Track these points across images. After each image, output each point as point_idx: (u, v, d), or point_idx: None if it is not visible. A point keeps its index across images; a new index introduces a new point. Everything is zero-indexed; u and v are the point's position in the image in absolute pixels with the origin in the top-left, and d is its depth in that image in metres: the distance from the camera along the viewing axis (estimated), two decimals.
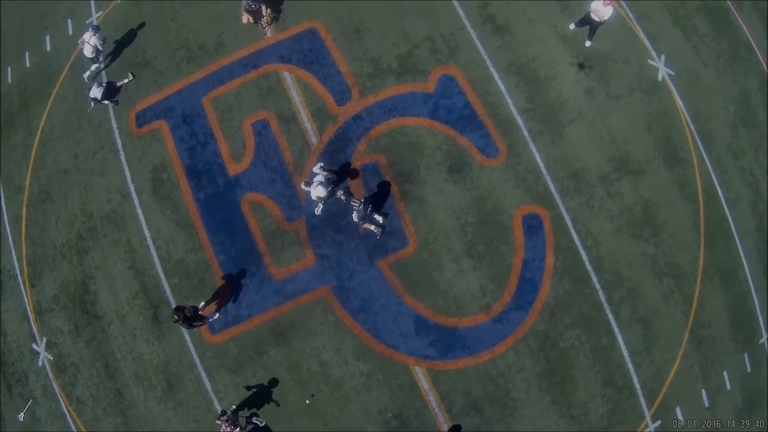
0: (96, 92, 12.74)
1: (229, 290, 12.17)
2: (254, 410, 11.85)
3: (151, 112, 13.19)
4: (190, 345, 12.27)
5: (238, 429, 11.12)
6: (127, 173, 13.04)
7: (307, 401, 11.77)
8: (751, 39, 13.60)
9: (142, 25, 13.73)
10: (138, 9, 13.82)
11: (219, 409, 11.81)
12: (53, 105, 13.92)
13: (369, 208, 11.41)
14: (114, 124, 13.34)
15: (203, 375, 12.21)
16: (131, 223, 12.84)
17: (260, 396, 11.94)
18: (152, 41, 13.58)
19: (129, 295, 12.65)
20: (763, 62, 13.49)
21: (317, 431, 11.79)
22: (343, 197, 11.80)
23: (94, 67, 13.47)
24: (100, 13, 14.02)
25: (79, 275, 12.82)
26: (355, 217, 11.48)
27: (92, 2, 14.10)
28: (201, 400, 12.10)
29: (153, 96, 13.25)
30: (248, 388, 11.97)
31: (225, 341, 12.20)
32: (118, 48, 13.71)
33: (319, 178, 11.22)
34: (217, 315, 12.06)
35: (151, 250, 12.67)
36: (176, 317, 10.81)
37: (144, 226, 12.76)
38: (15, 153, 13.95)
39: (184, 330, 12.15)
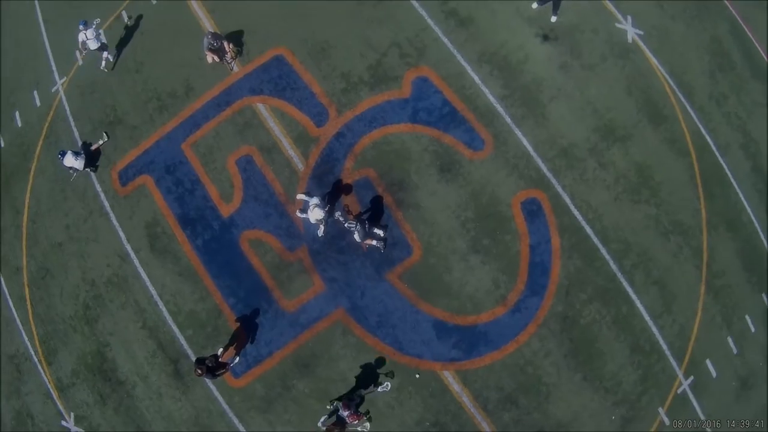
0: (72, 161, 12.65)
1: (245, 332, 12.18)
2: None
3: (133, 168, 13.15)
4: (217, 394, 12.28)
5: None
6: (121, 234, 13.01)
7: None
8: None
9: (108, 84, 13.66)
10: (101, 71, 13.70)
11: None
12: (34, 180, 13.85)
13: (367, 225, 11.44)
14: (98, 188, 13.30)
15: (235, 421, 12.24)
16: (135, 284, 12.82)
17: (298, 429, 11.99)
18: (121, 97, 13.53)
19: (147, 355, 12.65)
20: (728, 5, 13.56)
21: None
22: (342, 219, 11.83)
23: (105, 54, 13.38)
24: (64, 78, 13.94)
25: (93, 345, 12.81)
26: (357, 237, 11.51)
27: (54, 70, 13.99)
28: None
29: (131, 152, 13.21)
30: (283, 424, 12.01)
31: (250, 383, 12.22)
32: (87, 109, 13.66)
33: (315, 200, 11.25)
34: (238, 359, 12.09)
35: (160, 307, 12.67)
36: (199, 371, 10.83)
37: (148, 283, 12.74)
38: (6, 234, 13.89)
39: (212, 385, 12.18)
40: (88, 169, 13.06)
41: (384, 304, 12.05)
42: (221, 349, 11.82)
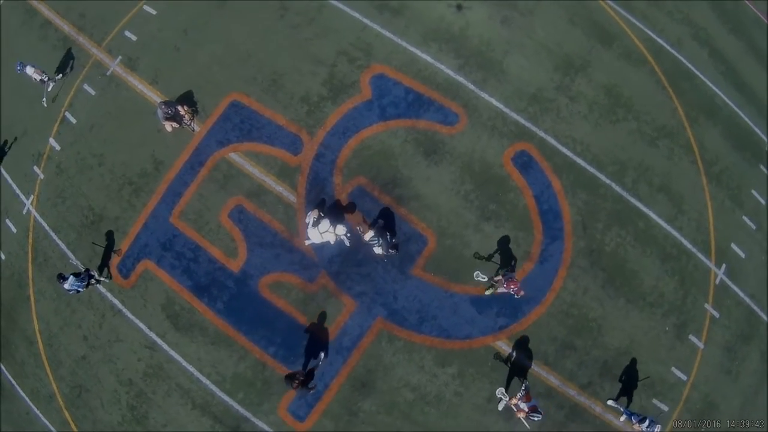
0: (73, 284, 12.60)
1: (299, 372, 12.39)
2: None
3: (130, 258, 13.29)
4: None
5: None
6: (141, 325, 13.11)
7: None
8: None
9: (75, 186, 13.77)
10: (64, 175, 13.84)
11: None
12: (37, 305, 13.82)
13: (386, 235, 11.76)
14: (102, 289, 13.38)
15: None
16: (171, 368, 12.92)
17: None
18: (93, 195, 13.66)
19: None
20: None
21: None
22: (346, 239, 12.17)
23: (50, 87, 13.96)
24: (32, 197, 14.00)
25: None
26: (378, 250, 11.83)
27: (19, 193, 14.03)
28: None
29: (123, 243, 13.35)
30: None
31: (317, 422, 12.44)
32: (64, 218, 13.72)
33: (323, 226, 11.57)
34: (322, 358, 12.34)
35: (204, 381, 12.80)
36: (296, 384, 11.33)
37: (184, 363, 12.86)
38: (27, 368, 13.83)
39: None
40: (94, 284, 13.05)
41: (419, 300, 12.42)
42: (299, 369, 11.99)
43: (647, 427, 11.76)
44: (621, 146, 13.16)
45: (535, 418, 11.35)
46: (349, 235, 12.18)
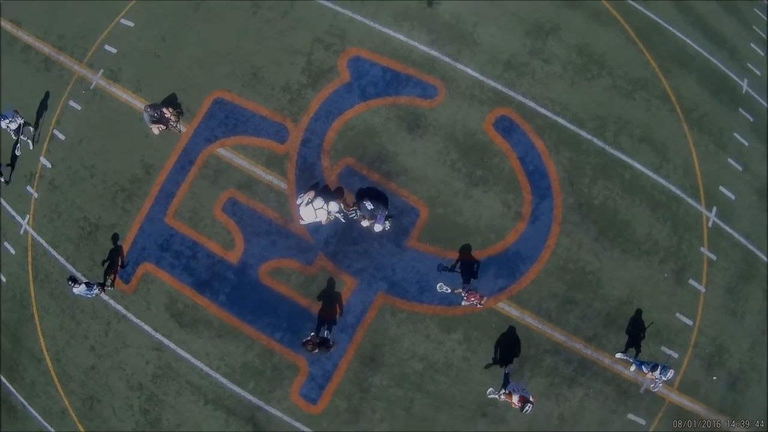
0: (82, 291, 13.19)
1: (306, 355, 12.95)
2: None
3: (129, 263, 13.91)
4: (306, 429, 12.93)
5: None
6: (147, 328, 13.67)
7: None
8: None
9: (69, 200, 14.45)
10: (58, 190, 14.52)
11: None
12: (41, 322, 14.37)
13: (369, 206, 12.43)
14: (105, 297, 13.97)
15: None
16: (180, 366, 13.46)
17: (395, 423, 12.72)
18: (87, 206, 14.33)
19: (222, 428, 13.22)
20: None
21: (466, 413, 12.70)
22: (344, 213, 12.86)
23: (24, 139, 14.60)
24: (27, 217, 14.64)
25: None
26: (365, 223, 12.51)
27: (14, 214, 14.69)
28: None
29: (121, 248, 13.98)
30: (378, 424, 12.72)
31: (330, 402, 12.94)
32: (61, 233, 14.34)
33: (317, 203, 12.26)
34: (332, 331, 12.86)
35: (214, 376, 13.32)
36: (310, 347, 11.86)
37: (192, 360, 13.40)
38: (37, 387, 14.34)
39: (294, 420, 12.83)
40: (100, 293, 13.66)
41: (417, 270, 13.03)
42: (311, 334, 12.49)
43: (660, 374, 12.24)
44: (598, 102, 13.91)
45: (527, 410, 11.62)
46: (342, 213, 12.86)
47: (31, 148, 14.78)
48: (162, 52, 14.69)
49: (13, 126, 14.24)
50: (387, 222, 12.90)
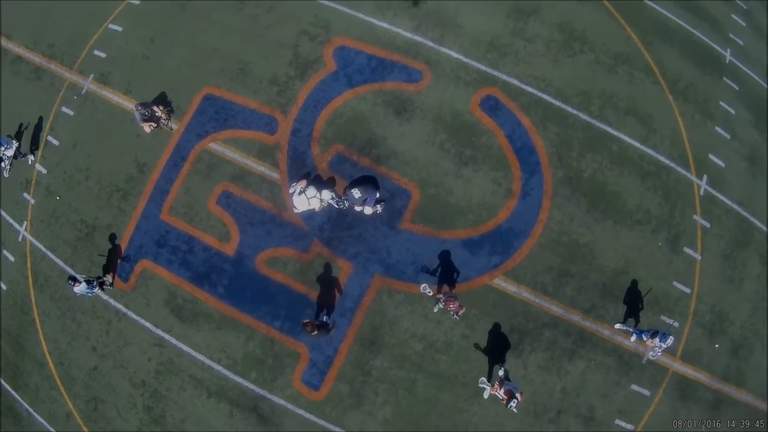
0: (83, 289, 13.58)
1: (306, 342, 13.28)
2: None
3: (127, 261, 14.30)
4: (308, 415, 13.22)
5: None
6: (147, 324, 14.03)
7: None
8: None
9: (66, 203, 14.87)
10: (54, 194, 14.91)
11: None
12: (43, 327, 14.73)
13: (357, 193, 12.89)
14: (105, 297, 14.35)
15: (337, 430, 13.16)
16: (182, 361, 13.79)
17: (398, 405, 13.01)
18: (84, 208, 14.76)
19: (226, 420, 13.52)
20: None
21: (469, 391, 13.00)
22: (333, 203, 13.29)
23: (31, 158, 15.11)
24: (25, 223, 15.05)
25: None
26: (358, 208, 12.96)
27: (12, 222, 15.10)
28: None
29: (119, 247, 14.39)
30: (382, 407, 13.01)
31: (332, 387, 13.24)
32: (59, 237, 14.73)
33: (310, 192, 12.69)
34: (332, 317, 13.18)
35: (216, 368, 13.64)
36: (309, 329, 12.09)
37: (194, 353, 13.73)
38: (42, 392, 14.65)
39: (297, 408, 13.13)
40: (100, 292, 14.04)
41: (412, 252, 13.40)
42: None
43: (660, 341, 12.52)
44: (582, 77, 14.36)
45: (511, 406, 11.86)
46: (335, 198, 13.27)
47: (32, 160, 15.18)
48: (151, 53, 15.23)
49: (9, 153, 14.65)
50: (378, 206, 13.30)
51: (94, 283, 13.49)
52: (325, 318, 13.04)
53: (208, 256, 13.91)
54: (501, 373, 12.60)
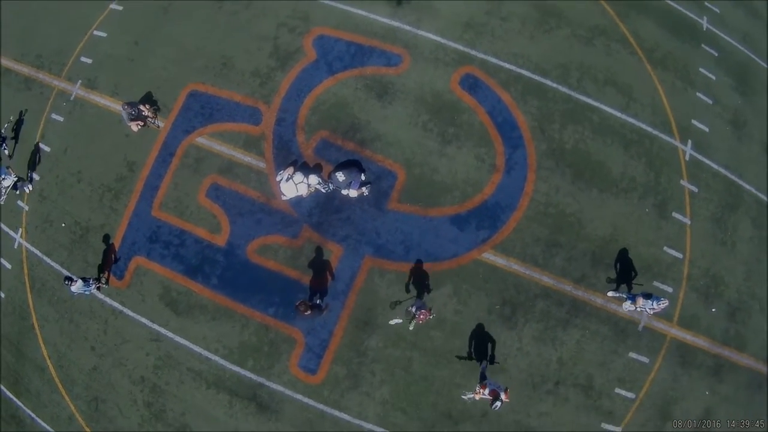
0: (80, 287, 14.03)
1: (301, 326, 13.64)
2: None
3: (121, 259, 14.74)
4: (306, 399, 13.54)
5: None
6: (144, 320, 14.44)
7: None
8: None
9: (59, 207, 15.36)
10: (47, 201, 15.40)
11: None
12: (42, 331, 15.13)
13: (341, 177, 13.37)
14: (101, 296, 14.80)
15: (337, 413, 13.47)
16: (180, 354, 14.17)
17: (395, 384, 13.33)
18: (77, 210, 15.25)
19: (225, 409, 13.86)
20: None
21: (465, 366, 13.28)
22: (321, 187, 13.77)
23: (28, 187, 15.39)
24: (20, 230, 15.56)
25: None
26: (345, 192, 13.42)
27: (7, 230, 15.60)
28: None
29: (112, 246, 14.87)
30: (379, 386, 13.33)
31: (329, 370, 13.57)
32: (54, 241, 15.19)
33: (297, 177, 13.19)
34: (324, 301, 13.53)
35: (213, 359, 14.01)
36: (302, 309, 12.39)
37: (190, 345, 14.10)
38: (43, 396, 15.04)
39: (295, 393, 13.46)
40: (96, 290, 14.50)
41: (401, 231, 13.80)
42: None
43: (652, 303, 12.78)
44: (559, 51, 14.83)
45: (496, 406, 12.03)
46: (322, 183, 13.74)
47: (28, 191, 15.61)
48: (135, 55, 15.83)
49: (6, 183, 15.12)
50: (364, 188, 13.74)
51: (90, 281, 13.95)
52: (318, 301, 13.41)
53: (200, 248, 14.36)
54: (482, 367, 12.83)
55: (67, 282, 13.80)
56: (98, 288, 14.49)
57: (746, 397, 14.46)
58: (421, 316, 12.65)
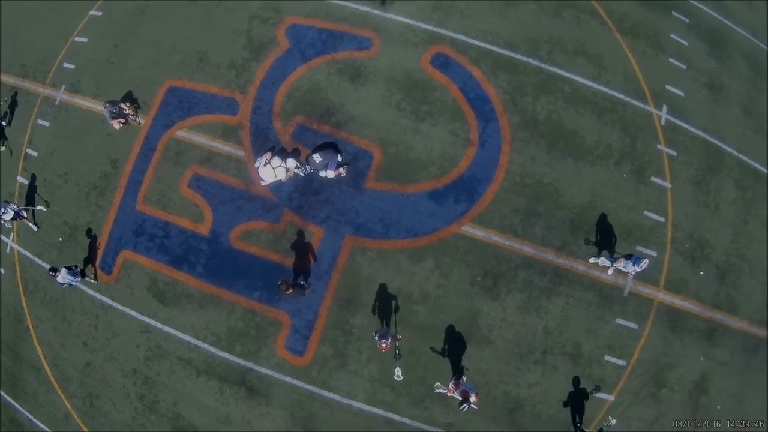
0: (67, 278, 14.65)
1: (287, 309, 14.11)
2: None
3: (108, 254, 15.34)
4: (296, 381, 13.96)
5: None
6: (133, 313, 14.97)
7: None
8: None
9: (49, 210, 15.97)
10: (40, 206, 16.16)
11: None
12: (36, 331, 15.72)
13: (318, 158, 13.93)
14: (91, 292, 15.38)
15: (326, 394, 13.88)
16: (169, 344, 14.68)
17: (382, 361, 13.71)
18: (65, 210, 15.88)
19: (216, 396, 14.31)
20: None
21: (451, 338, 13.65)
22: (299, 171, 14.35)
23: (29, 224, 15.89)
24: (12, 235, 16.25)
25: (168, 425, 14.39)
26: (322, 174, 14.02)
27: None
28: (346, 413, 13.71)
29: (99, 243, 15.49)
30: (367, 365, 13.72)
31: (316, 351, 13.99)
32: (44, 242, 15.81)
33: (275, 162, 13.77)
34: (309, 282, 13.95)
35: (202, 346, 14.49)
36: (284, 287, 12.70)
37: (179, 334, 14.60)
38: (40, 397, 15.56)
39: (284, 375, 13.90)
40: (86, 279, 15.09)
41: (379, 209, 14.29)
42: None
43: (633, 264, 13.06)
44: (528, 25, 15.35)
45: (464, 408, 12.17)
46: (299, 166, 14.31)
47: (36, 229, 16.10)
48: (115, 58, 16.59)
49: (7, 216, 15.55)
50: (342, 169, 14.29)
51: (74, 268, 14.54)
52: (302, 282, 13.90)
53: (185, 238, 14.92)
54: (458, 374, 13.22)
55: (52, 273, 14.39)
56: (83, 276, 15.01)
57: (743, 361, 14.67)
58: (383, 345, 12.82)
